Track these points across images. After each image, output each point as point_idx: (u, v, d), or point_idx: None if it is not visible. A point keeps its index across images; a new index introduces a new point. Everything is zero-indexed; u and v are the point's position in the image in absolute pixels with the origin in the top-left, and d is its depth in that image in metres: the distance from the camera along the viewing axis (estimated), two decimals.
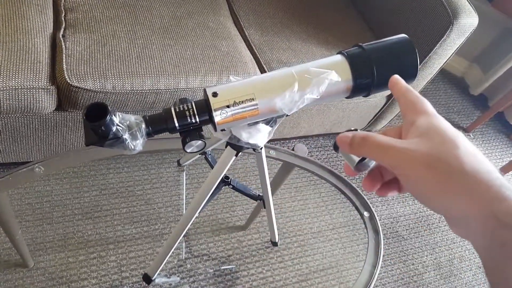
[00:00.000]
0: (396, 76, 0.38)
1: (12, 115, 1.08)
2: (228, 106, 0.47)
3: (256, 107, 0.48)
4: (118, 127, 0.47)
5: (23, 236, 1.24)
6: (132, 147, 0.48)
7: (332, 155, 1.83)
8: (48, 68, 1.05)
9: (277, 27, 1.45)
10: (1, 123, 1.10)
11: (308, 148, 1.82)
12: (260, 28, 1.42)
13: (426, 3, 1.40)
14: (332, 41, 1.48)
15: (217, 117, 0.48)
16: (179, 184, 1.48)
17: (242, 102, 0.47)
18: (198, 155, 1.16)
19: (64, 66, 1.04)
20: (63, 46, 1.09)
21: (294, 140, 1.80)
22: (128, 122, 0.48)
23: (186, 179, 1.24)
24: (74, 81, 1.03)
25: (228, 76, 1.22)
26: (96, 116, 0.44)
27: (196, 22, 1.30)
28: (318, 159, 1.79)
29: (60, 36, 1.12)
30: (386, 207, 1.74)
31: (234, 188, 0.92)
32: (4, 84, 0.98)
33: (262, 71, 1.31)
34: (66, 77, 1.03)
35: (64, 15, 1.19)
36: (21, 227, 1.27)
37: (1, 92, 0.98)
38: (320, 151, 1.83)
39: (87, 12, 1.20)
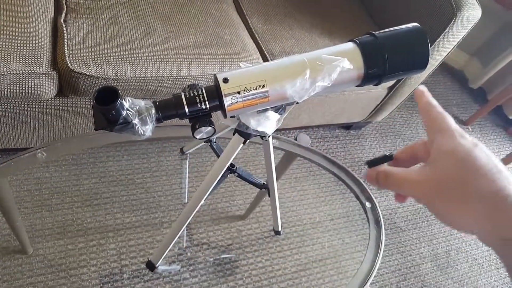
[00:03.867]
0: (422, 89, 0.38)
1: (12, 101, 1.07)
2: (238, 93, 0.47)
3: (266, 94, 0.47)
4: (128, 111, 0.46)
5: (22, 222, 1.24)
6: (142, 132, 0.47)
7: (332, 145, 1.83)
8: (49, 53, 1.03)
9: (280, 16, 1.44)
10: (1, 108, 1.08)
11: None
12: (263, 17, 1.41)
13: None
14: (335, 31, 1.47)
15: (228, 103, 0.47)
16: (181, 172, 1.48)
17: (253, 88, 0.47)
18: (203, 143, 1.15)
19: (66, 51, 1.03)
20: (65, 31, 1.07)
21: (295, 131, 1.80)
22: (138, 107, 0.47)
23: (187, 167, 1.24)
24: (76, 67, 1.02)
25: (231, 64, 1.21)
26: (106, 100, 0.44)
27: (199, 9, 1.29)
28: (319, 149, 1.80)
29: (62, 20, 1.10)
30: (385, 198, 1.75)
31: (239, 176, 0.92)
32: (5, 69, 0.96)
33: (265, 59, 1.30)
34: (68, 62, 1.01)
35: (66, 0, 1.17)
36: (20, 213, 1.27)
37: (2, 76, 0.97)
38: (320, 141, 1.83)
39: None
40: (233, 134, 0.64)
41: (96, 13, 1.14)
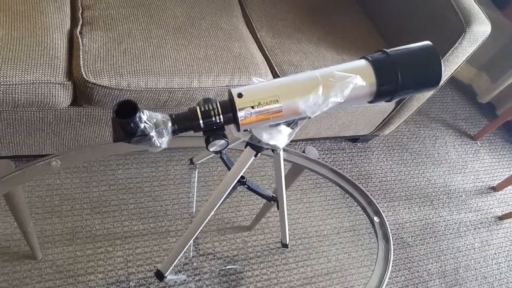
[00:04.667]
0: None
1: (28, 109, 1.10)
2: (252, 107, 0.48)
3: (279, 108, 0.49)
4: (146, 124, 0.48)
5: (34, 228, 1.26)
6: (158, 144, 0.49)
7: (339, 158, 1.84)
8: (65, 64, 1.06)
9: (288, 30, 1.46)
10: (17, 116, 1.11)
11: None
12: (272, 30, 1.44)
13: (439, 10, 1.40)
14: (343, 45, 1.49)
15: (241, 117, 0.49)
16: (188, 181, 1.50)
17: (266, 103, 0.48)
18: (213, 154, 1.17)
19: (81, 62, 1.06)
20: (80, 43, 1.10)
21: (301, 142, 1.81)
22: (155, 120, 0.49)
23: (196, 177, 1.25)
24: (91, 77, 1.05)
25: (240, 77, 1.24)
26: (125, 113, 0.45)
27: (210, 23, 1.31)
28: (325, 162, 1.80)
29: (77, 33, 1.13)
30: (392, 212, 1.75)
31: (249, 188, 0.93)
32: (22, 78, 0.99)
33: (274, 73, 1.32)
34: (83, 73, 1.04)
35: (81, 13, 1.20)
36: (31, 219, 1.29)
37: (19, 86, 1.00)
38: (327, 154, 1.84)
39: (104, 10, 1.22)
40: (245, 147, 0.65)
41: (111, 26, 1.17)
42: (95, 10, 1.21)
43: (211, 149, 0.52)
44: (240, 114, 0.49)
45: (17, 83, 0.99)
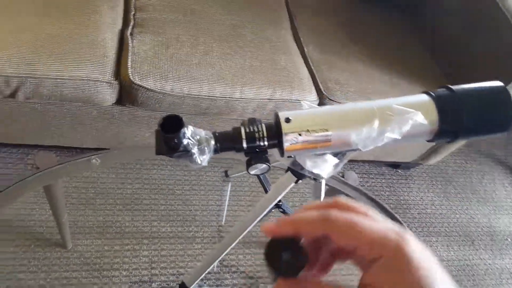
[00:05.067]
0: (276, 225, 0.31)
1: (74, 103, 1.13)
2: (300, 134, 0.46)
3: (329, 138, 0.46)
4: (189, 140, 0.46)
5: (67, 218, 1.29)
6: (199, 162, 0.47)
7: (377, 183, 1.77)
8: (113, 63, 1.08)
9: (337, 47, 1.42)
10: (63, 109, 1.15)
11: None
12: (320, 46, 1.41)
13: (503, 39, 1.32)
14: (393, 67, 1.43)
15: (287, 143, 0.46)
16: (220, 189, 1.49)
17: (315, 131, 0.46)
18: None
19: (129, 63, 1.07)
20: (130, 44, 1.12)
21: None
22: (198, 137, 0.48)
23: (229, 191, 1.24)
24: (137, 79, 1.06)
25: (282, 91, 1.21)
26: (170, 127, 0.44)
27: (257, 33, 1.31)
28: (362, 185, 1.74)
29: (128, 34, 1.16)
30: (429, 248, 1.65)
31: (283, 212, 0.90)
32: (72, 74, 1.02)
33: (318, 89, 1.29)
34: (130, 74, 1.06)
35: (134, 14, 1.23)
36: (66, 209, 1.32)
37: (68, 81, 1.02)
38: (364, 177, 1.77)
39: (155, 13, 1.24)
40: (285, 172, 0.62)
41: (160, 30, 1.19)
42: (147, 12, 1.23)
43: (252, 172, 0.50)
44: (286, 139, 0.46)
45: (66, 77, 1.02)
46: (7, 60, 0.98)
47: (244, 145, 0.48)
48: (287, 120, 0.47)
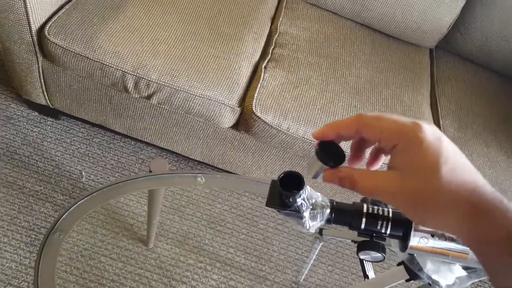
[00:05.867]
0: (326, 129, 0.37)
1: (196, 118, 1.20)
2: (433, 235, 0.39)
3: (468, 251, 0.38)
4: (303, 202, 0.43)
5: (157, 220, 1.36)
6: (308, 227, 0.44)
7: None
8: (241, 91, 1.13)
9: (478, 127, 1.28)
10: (184, 120, 1.23)
11: None
12: (458, 122, 1.28)
13: None
14: None
15: (414, 241, 0.40)
16: (306, 245, 1.42)
17: (453, 239, 0.38)
18: (348, 240, 1.08)
19: (255, 95, 1.11)
20: (261, 77, 1.16)
21: None
22: (313, 200, 0.44)
23: (318, 250, 1.17)
24: (258, 111, 1.08)
25: None
26: (288, 182, 0.42)
27: (391, 93, 1.24)
28: None
29: (263, 66, 1.20)
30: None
31: None
32: (204, 92, 1.09)
33: None
34: (253, 104, 1.09)
35: (273, 48, 1.27)
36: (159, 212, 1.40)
37: (198, 98, 1.09)
38: None
39: (293, 52, 1.26)
40: (397, 265, 0.55)
41: (294, 69, 1.21)
42: (285, 49, 1.27)
43: (361, 257, 0.44)
44: (414, 237, 0.40)
45: (197, 94, 1.09)
46: (154, 67, 1.08)
47: (362, 226, 0.43)
48: None
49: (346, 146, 0.37)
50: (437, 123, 1.27)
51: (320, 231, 1.01)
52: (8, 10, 1.00)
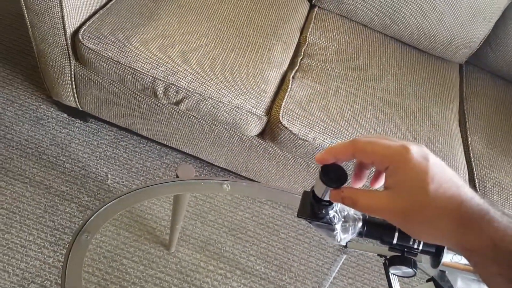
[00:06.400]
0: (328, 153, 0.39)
1: (223, 126, 1.21)
2: None
3: None
4: (335, 214, 0.43)
5: (180, 224, 1.37)
6: (339, 240, 0.44)
7: None
8: (269, 100, 1.14)
9: (507, 144, 1.24)
10: (211, 127, 1.24)
11: None
12: (487, 138, 1.25)
13: None
14: None
15: (447, 258, 0.39)
16: (325, 248, 1.41)
17: None
18: (374, 254, 1.06)
19: (283, 104, 1.11)
20: (289, 86, 1.16)
21: None
22: (345, 213, 0.44)
23: (341, 263, 1.16)
24: (285, 120, 1.09)
25: None
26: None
27: (420, 107, 1.22)
28: None
29: (291, 76, 1.20)
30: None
31: None
32: (231, 100, 1.10)
33: (472, 186, 1.13)
34: (280, 114, 1.09)
35: (301, 59, 1.28)
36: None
37: (226, 105, 1.11)
38: None
39: (321, 62, 1.27)
40: (427, 281, 0.54)
41: (322, 80, 1.21)
42: (313, 60, 1.27)
43: (392, 271, 0.44)
44: (448, 253, 0.39)
45: (225, 102, 1.11)
46: (184, 73, 1.11)
47: (394, 240, 0.42)
48: None
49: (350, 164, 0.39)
50: (465, 138, 1.24)
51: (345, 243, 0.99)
52: (44, 14, 1.03)
